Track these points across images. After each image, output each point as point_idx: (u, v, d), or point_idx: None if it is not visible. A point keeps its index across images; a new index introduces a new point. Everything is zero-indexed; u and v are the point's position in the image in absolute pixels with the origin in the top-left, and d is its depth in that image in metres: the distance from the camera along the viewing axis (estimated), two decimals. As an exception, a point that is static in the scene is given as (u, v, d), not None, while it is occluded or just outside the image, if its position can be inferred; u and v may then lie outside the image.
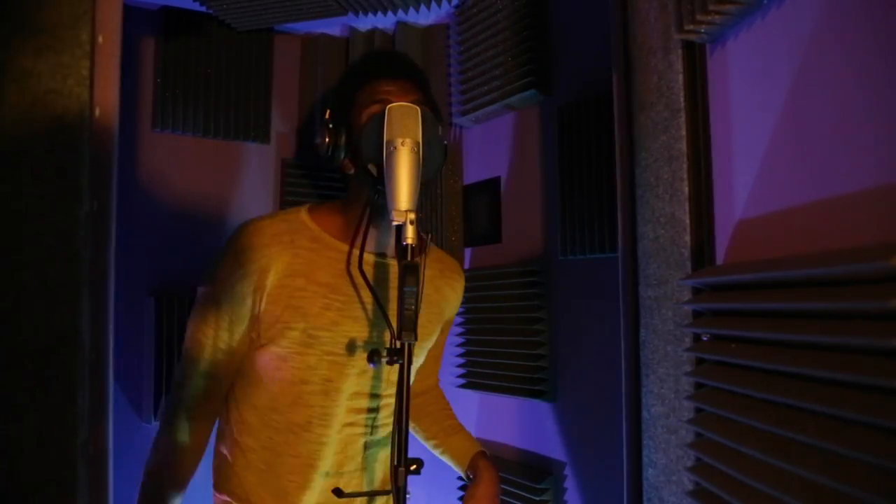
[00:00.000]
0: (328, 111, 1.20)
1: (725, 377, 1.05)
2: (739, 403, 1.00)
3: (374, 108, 1.13)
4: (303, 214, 1.21)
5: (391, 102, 1.09)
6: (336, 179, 2.35)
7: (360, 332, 1.18)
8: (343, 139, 1.15)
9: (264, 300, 1.14)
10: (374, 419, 1.25)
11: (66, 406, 1.13)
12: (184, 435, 1.23)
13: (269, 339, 1.16)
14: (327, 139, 1.15)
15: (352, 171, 1.19)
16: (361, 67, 1.25)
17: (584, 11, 1.81)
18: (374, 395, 1.23)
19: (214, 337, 1.19)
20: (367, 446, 1.26)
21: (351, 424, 1.22)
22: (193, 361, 1.21)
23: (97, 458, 1.18)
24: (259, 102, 2.25)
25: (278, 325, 1.14)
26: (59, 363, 1.13)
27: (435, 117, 1.15)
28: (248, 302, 1.15)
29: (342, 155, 1.16)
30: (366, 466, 1.27)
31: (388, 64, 1.24)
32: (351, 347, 1.17)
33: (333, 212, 1.23)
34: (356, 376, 1.19)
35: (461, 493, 2.08)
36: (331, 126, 1.15)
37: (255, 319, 1.16)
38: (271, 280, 1.13)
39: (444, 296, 1.34)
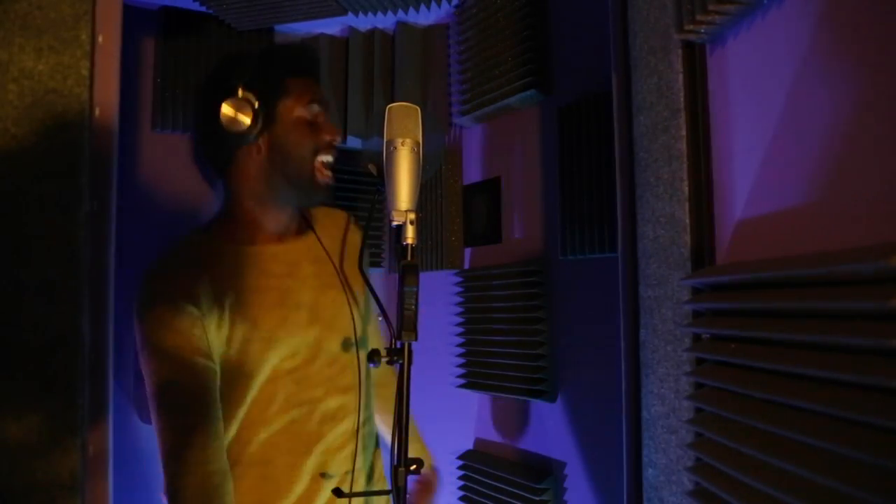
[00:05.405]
0: (244, 87, 1.16)
1: (725, 377, 1.04)
2: (739, 403, 1.00)
3: (303, 112, 1.19)
4: (193, 238, 1.21)
5: (318, 108, 1.20)
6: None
7: (310, 315, 1.20)
8: (262, 120, 1.16)
9: (212, 327, 1.12)
10: (356, 410, 1.25)
11: (66, 406, 1.13)
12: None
13: (235, 355, 1.15)
14: (251, 116, 1.15)
15: (261, 153, 1.19)
16: (293, 57, 1.25)
17: (584, 11, 1.80)
18: (348, 383, 1.25)
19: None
20: (355, 437, 1.25)
21: (336, 411, 1.23)
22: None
23: (97, 458, 1.18)
24: (259, 102, 2.25)
25: (235, 343, 1.13)
26: (59, 363, 1.13)
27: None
28: (208, 335, 1.11)
29: (257, 135, 1.17)
30: (358, 463, 1.27)
31: (313, 63, 1.28)
32: (309, 332, 1.20)
33: (221, 222, 1.23)
34: (324, 364, 1.21)
35: (462, 493, 2.08)
36: (255, 104, 1.15)
37: (216, 345, 1.13)
38: (205, 308, 1.11)
39: (346, 240, 1.35)
